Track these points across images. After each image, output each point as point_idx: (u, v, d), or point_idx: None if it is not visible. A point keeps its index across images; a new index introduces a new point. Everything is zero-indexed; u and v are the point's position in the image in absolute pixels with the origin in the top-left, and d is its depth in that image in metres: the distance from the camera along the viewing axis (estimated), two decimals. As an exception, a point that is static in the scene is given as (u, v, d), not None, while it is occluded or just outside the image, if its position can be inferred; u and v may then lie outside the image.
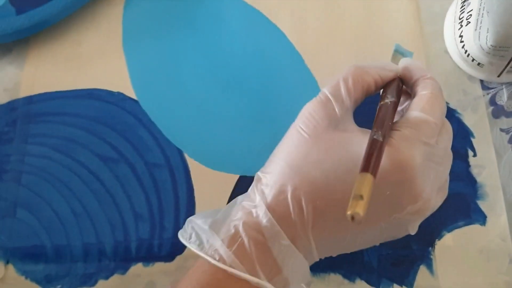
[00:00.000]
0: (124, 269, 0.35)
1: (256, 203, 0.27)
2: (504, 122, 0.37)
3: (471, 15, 0.35)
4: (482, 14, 0.33)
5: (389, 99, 0.28)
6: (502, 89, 0.37)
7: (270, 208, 0.26)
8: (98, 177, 0.37)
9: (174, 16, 0.42)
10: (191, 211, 0.36)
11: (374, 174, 0.23)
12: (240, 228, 0.26)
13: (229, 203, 0.29)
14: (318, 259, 0.28)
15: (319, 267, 0.33)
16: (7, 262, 0.35)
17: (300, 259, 0.27)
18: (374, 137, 0.25)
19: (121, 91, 0.39)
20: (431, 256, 0.33)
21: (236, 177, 0.36)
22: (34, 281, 0.35)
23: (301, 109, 0.38)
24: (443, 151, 0.28)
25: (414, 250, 0.33)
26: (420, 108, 0.27)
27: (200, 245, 0.27)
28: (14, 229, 0.36)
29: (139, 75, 0.40)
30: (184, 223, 0.35)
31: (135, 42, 0.41)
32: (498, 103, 0.37)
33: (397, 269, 0.33)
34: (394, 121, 0.28)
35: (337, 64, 0.39)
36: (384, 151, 0.25)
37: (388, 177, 0.25)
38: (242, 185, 0.36)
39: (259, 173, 0.29)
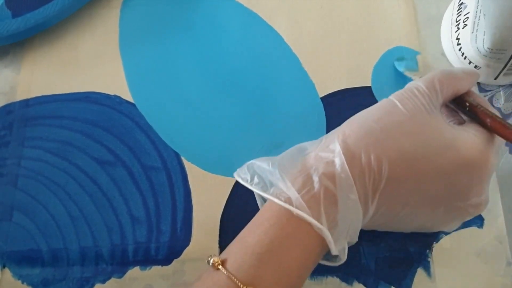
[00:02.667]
0: (121, 273, 0.35)
1: (335, 153, 0.27)
2: (501, 124, 0.37)
3: (467, 17, 0.35)
4: (479, 17, 0.33)
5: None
6: (499, 91, 0.37)
7: (349, 162, 0.26)
8: (95, 180, 0.37)
9: (171, 19, 0.42)
10: (188, 214, 0.36)
11: None
12: (314, 175, 0.27)
13: (289, 150, 0.29)
14: (362, 227, 0.29)
15: (316, 270, 0.33)
16: (3, 266, 0.35)
17: (359, 216, 0.27)
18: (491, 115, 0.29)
19: (118, 94, 0.39)
20: (429, 259, 0.33)
21: (233, 180, 0.36)
22: (31, 285, 0.35)
23: (299, 111, 0.38)
24: None
25: (411, 253, 0.33)
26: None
27: (264, 187, 0.28)
28: (11, 233, 0.36)
29: (135, 78, 0.40)
30: (181, 227, 0.35)
31: (132, 45, 0.41)
32: (495, 105, 0.37)
33: (395, 272, 0.33)
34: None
35: (334, 67, 0.39)
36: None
37: (473, 169, 0.27)
38: (239, 188, 0.36)
39: (339, 132, 0.28)
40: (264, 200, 0.28)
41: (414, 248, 0.34)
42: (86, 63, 0.41)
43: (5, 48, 0.41)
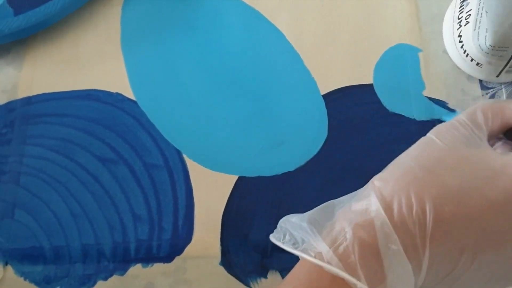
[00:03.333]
0: (123, 270, 0.35)
1: (368, 201, 0.25)
2: (503, 122, 0.37)
3: (470, 15, 0.35)
4: (481, 14, 0.33)
5: None
6: (501, 89, 0.37)
7: (386, 207, 0.24)
8: (97, 178, 0.37)
9: (173, 16, 0.42)
10: (190, 212, 0.36)
11: None
12: (346, 227, 0.24)
13: (322, 205, 0.27)
14: (419, 286, 0.25)
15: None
16: (6, 264, 0.35)
17: (407, 270, 0.24)
18: None
19: (120, 92, 0.39)
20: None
21: (235, 177, 0.36)
22: (33, 282, 0.35)
23: (300, 109, 0.38)
24: None
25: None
26: None
27: (295, 244, 0.25)
28: (13, 230, 0.36)
29: (137, 76, 0.40)
30: (182, 225, 0.35)
31: (134, 42, 0.41)
32: (497, 103, 0.37)
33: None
34: None
35: (336, 65, 0.39)
36: None
37: None
38: (241, 186, 0.36)
39: (374, 178, 0.26)
40: None
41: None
42: (88, 61, 0.41)
43: (7, 46, 0.41)
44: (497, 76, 0.36)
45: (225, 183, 0.36)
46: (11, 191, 0.37)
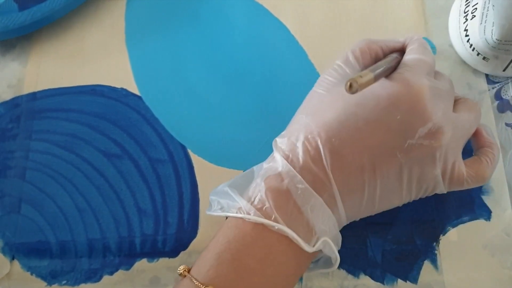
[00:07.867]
0: (128, 265, 0.35)
1: (274, 158, 0.29)
2: (510, 116, 0.36)
3: (476, 8, 0.34)
4: (488, 7, 0.33)
5: (393, 55, 0.31)
6: (508, 83, 0.37)
7: (286, 157, 0.28)
8: (102, 173, 0.37)
9: (177, 10, 0.42)
10: (195, 207, 0.36)
11: (376, 77, 0.26)
12: (260, 182, 0.28)
13: (244, 172, 0.31)
14: (345, 217, 0.29)
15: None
16: (13, 258, 0.35)
17: (320, 202, 0.27)
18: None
19: (124, 87, 0.39)
20: (436, 251, 0.33)
21: (240, 172, 0.36)
22: (39, 276, 0.35)
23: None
24: (446, 87, 0.30)
25: (418, 245, 0.33)
26: (413, 53, 0.30)
27: (222, 208, 0.29)
28: (19, 225, 0.36)
29: (142, 71, 0.40)
30: (187, 219, 0.35)
31: (138, 37, 0.41)
32: (504, 97, 0.37)
33: (401, 264, 0.33)
34: None
35: (340, 59, 0.39)
36: (388, 66, 0.28)
37: (398, 102, 0.27)
38: (246, 181, 0.36)
39: (275, 139, 0.30)
40: None
41: (421, 241, 0.33)
42: (92, 56, 0.41)
43: (12, 41, 0.41)
44: (504, 70, 0.36)
45: (230, 178, 0.36)
46: (17, 186, 0.37)
